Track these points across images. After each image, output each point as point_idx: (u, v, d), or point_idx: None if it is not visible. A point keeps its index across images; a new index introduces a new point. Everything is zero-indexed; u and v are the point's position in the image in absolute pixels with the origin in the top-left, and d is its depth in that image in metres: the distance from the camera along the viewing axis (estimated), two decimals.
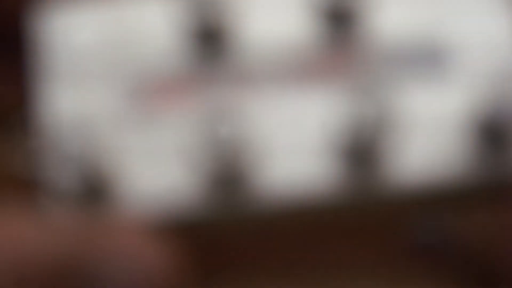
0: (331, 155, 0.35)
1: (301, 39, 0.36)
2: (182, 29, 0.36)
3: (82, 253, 0.33)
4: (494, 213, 0.35)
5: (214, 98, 0.36)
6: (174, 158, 0.35)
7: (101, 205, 0.34)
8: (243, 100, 0.35)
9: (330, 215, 0.37)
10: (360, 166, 0.34)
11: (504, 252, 0.35)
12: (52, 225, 0.34)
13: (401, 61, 0.36)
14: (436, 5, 0.37)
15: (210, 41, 0.36)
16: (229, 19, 0.36)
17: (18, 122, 0.37)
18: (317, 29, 0.36)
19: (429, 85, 0.36)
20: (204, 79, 0.36)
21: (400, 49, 0.36)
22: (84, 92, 0.36)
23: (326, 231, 0.39)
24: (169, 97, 0.36)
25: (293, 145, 0.35)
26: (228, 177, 0.34)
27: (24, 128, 0.37)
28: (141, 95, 0.36)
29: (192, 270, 0.37)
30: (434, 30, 0.37)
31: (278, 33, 0.37)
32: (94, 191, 0.34)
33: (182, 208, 0.34)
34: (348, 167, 0.35)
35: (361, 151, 0.34)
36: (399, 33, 0.37)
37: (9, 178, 0.39)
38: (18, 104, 0.38)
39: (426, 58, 0.36)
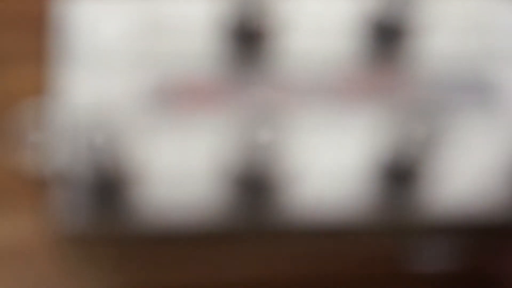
0: (369, 175, 0.34)
1: (346, 53, 0.36)
2: (221, 26, 0.34)
3: None
4: None
5: (249, 105, 0.34)
6: (201, 163, 0.33)
7: (116, 203, 0.32)
8: (281, 110, 0.34)
9: (358, 237, 0.36)
10: (399, 187, 0.34)
11: None
12: None
13: (447, 86, 0.36)
14: (487, 37, 0.37)
15: (250, 44, 0.35)
16: (274, 24, 0.34)
17: (33, 110, 0.35)
18: (364, 45, 0.36)
19: (473, 113, 0.36)
20: (240, 85, 0.35)
21: (447, 74, 0.36)
22: (108, 85, 0.34)
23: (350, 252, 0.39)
24: (200, 100, 0.34)
25: (330, 161, 0.34)
26: (258, 188, 0.32)
27: (39, 117, 0.35)
28: (170, 93, 0.34)
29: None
30: (483, 60, 0.37)
31: (323, 44, 0.36)
32: (110, 188, 0.32)
33: (206, 215, 0.33)
34: (385, 187, 0.34)
35: (402, 172, 0.33)
36: (448, 58, 0.37)
37: (16, 173, 0.38)
38: (37, 90, 0.36)
39: (472, 87, 0.36)
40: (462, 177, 0.35)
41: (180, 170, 0.33)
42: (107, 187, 0.32)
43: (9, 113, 0.37)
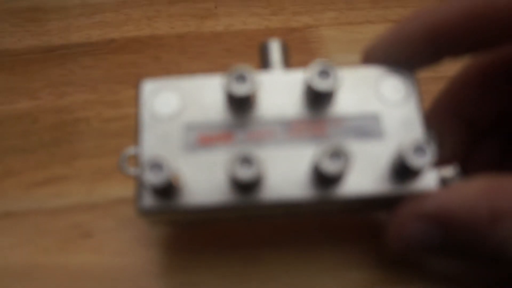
0: (310, 178, 0.50)
1: (295, 112, 0.49)
2: (226, 99, 0.48)
3: None
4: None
5: (239, 146, 0.48)
6: (214, 176, 0.49)
7: (170, 200, 0.46)
8: (256, 147, 0.48)
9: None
10: (328, 185, 0.50)
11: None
12: None
13: (351, 127, 0.51)
14: (371, 95, 0.52)
15: (241, 109, 0.49)
16: (252, 94, 0.47)
17: (132, 153, 0.49)
18: (304, 106, 0.51)
19: (365, 141, 0.51)
20: (234, 134, 0.48)
21: (350, 120, 0.50)
22: (161, 139, 0.49)
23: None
24: (213, 141, 0.50)
25: (287, 170, 0.50)
26: (245, 189, 0.48)
27: (135, 158, 0.50)
28: (197, 140, 0.50)
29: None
30: (371, 109, 0.52)
31: (281, 107, 0.50)
32: (168, 192, 0.48)
33: (218, 207, 0.49)
34: (319, 186, 0.50)
35: (328, 176, 0.49)
36: (350, 110, 0.51)
37: None
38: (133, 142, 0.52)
39: (365, 126, 0.51)
40: (363, 176, 0.50)
41: (204, 180, 0.49)
42: (166, 191, 0.47)
43: (120, 155, 0.52)
